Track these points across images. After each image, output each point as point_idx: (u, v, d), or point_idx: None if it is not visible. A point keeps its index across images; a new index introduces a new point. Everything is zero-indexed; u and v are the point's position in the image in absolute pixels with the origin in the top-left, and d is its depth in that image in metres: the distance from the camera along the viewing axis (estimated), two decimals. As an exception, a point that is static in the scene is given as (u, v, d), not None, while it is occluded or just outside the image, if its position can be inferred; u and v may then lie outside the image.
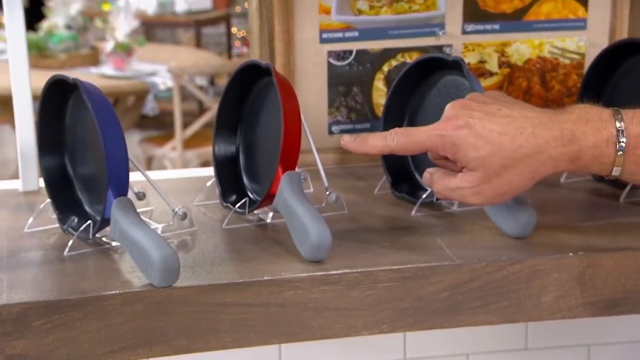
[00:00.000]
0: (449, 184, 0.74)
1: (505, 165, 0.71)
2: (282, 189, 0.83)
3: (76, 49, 3.34)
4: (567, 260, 0.79)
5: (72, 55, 3.30)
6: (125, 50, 3.22)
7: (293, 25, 1.06)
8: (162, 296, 0.72)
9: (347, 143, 0.78)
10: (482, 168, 0.72)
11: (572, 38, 1.10)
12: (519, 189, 0.73)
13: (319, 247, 0.77)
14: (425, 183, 0.78)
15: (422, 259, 0.79)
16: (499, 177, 0.72)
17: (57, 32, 3.34)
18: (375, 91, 1.09)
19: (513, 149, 0.71)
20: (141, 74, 3.21)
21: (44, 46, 3.28)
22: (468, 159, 0.72)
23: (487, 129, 0.71)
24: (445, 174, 0.75)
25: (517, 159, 0.71)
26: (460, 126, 0.72)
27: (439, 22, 1.08)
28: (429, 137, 0.74)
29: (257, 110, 0.94)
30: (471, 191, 0.73)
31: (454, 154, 0.73)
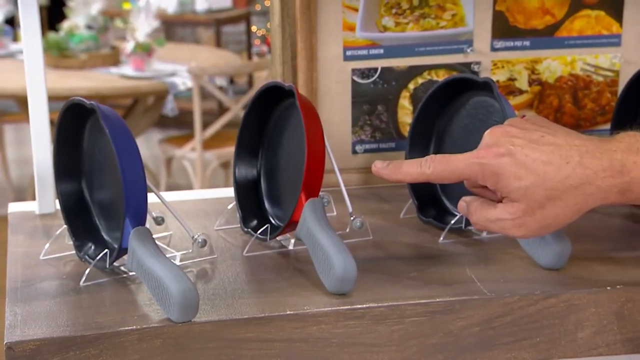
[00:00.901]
0: (488, 215, 0.70)
1: (550, 196, 0.67)
2: (305, 217, 0.80)
3: (97, 49, 3.34)
4: (604, 294, 0.75)
5: (93, 55, 3.30)
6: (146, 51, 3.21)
7: (316, 42, 1.03)
8: (180, 332, 0.69)
9: (380, 169, 0.74)
10: (525, 199, 0.68)
11: (606, 55, 1.06)
12: (564, 222, 0.69)
13: (343, 280, 0.74)
14: (462, 212, 0.74)
15: (451, 292, 0.76)
16: (543, 209, 0.67)
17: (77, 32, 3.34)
18: (401, 110, 1.06)
19: (559, 179, 0.67)
20: (161, 74, 3.20)
21: (64, 46, 3.28)
22: (510, 189, 0.68)
23: (531, 158, 0.67)
24: (484, 203, 0.71)
25: (563, 190, 0.67)
26: (501, 154, 0.68)
27: (467, 38, 1.05)
28: (467, 165, 0.70)
29: (279, 133, 0.91)
30: (513, 223, 0.69)
31: (494, 184, 0.69)
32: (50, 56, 3.24)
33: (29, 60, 0.93)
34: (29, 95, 0.93)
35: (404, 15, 1.04)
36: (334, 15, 1.02)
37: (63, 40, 3.30)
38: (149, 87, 3.16)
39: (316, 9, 1.01)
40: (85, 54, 3.30)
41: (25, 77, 0.92)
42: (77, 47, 3.31)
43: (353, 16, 1.03)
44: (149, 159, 3.97)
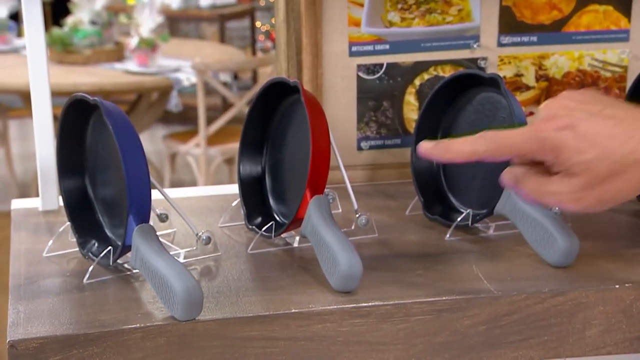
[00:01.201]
0: (544, 188, 0.66)
1: (613, 171, 0.64)
2: (310, 215, 0.79)
3: (101, 44, 3.33)
4: (612, 293, 0.75)
5: (97, 50, 3.29)
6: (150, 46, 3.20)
7: (321, 37, 1.02)
8: (184, 330, 0.69)
9: (428, 150, 0.70)
10: (585, 173, 0.64)
11: (614, 50, 1.05)
12: (624, 198, 0.65)
13: (349, 278, 0.73)
14: (508, 183, 0.70)
15: (457, 290, 0.75)
16: (603, 184, 0.64)
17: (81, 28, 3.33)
18: (407, 106, 1.05)
19: (623, 154, 0.63)
20: (165, 70, 3.19)
21: (68, 42, 3.28)
22: (571, 163, 0.64)
23: (593, 131, 0.64)
24: (537, 174, 0.67)
25: (628, 165, 0.63)
26: (562, 127, 0.64)
27: (474, 34, 1.04)
28: (524, 140, 0.65)
29: (284, 129, 0.90)
30: (571, 197, 0.65)
31: (554, 158, 0.65)
32: (54, 51, 3.23)
33: (32, 56, 0.92)
34: (32, 91, 0.92)
35: (409, 11, 1.03)
36: (339, 10, 1.01)
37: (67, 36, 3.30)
38: (153, 82, 3.15)
39: (321, 4, 1.01)
40: (89, 50, 3.30)
41: (28, 72, 0.91)
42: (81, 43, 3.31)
43: (358, 11, 1.02)
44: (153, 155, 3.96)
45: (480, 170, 0.91)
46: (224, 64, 3.33)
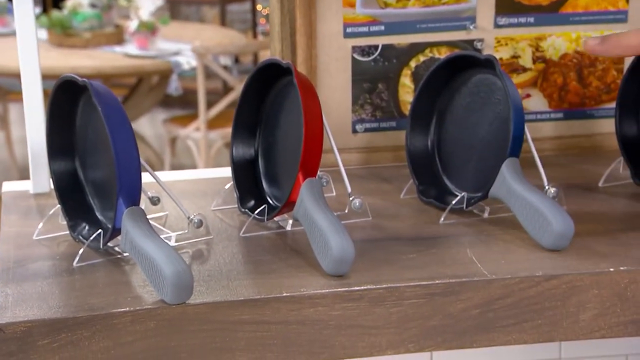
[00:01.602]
0: None
1: None
2: (302, 198, 0.79)
3: (100, 27, 3.31)
4: (607, 276, 0.74)
5: (97, 33, 3.27)
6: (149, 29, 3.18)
7: (315, 18, 1.00)
8: (174, 313, 0.68)
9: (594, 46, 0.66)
10: None
11: (612, 31, 1.04)
12: None
13: (341, 261, 0.73)
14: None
15: (451, 273, 0.74)
16: None
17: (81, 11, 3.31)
18: (402, 88, 1.04)
19: None
20: (165, 53, 3.17)
21: (68, 25, 3.26)
22: None
23: None
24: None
25: None
26: None
27: (470, 15, 1.02)
28: None
29: (277, 111, 0.89)
30: None
31: None
32: (53, 34, 3.21)
33: (21, 37, 0.91)
34: (21, 73, 0.91)
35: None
36: (333, -10, 1.00)
37: (66, 19, 3.27)
38: (153, 66, 3.13)
39: (315, -15, 0.99)
40: (88, 33, 3.28)
41: (18, 54, 0.90)
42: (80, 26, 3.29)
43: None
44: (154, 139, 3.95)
45: (475, 153, 0.90)
46: (225, 47, 3.31)
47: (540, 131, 1.07)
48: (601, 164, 0.97)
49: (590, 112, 1.07)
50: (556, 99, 1.06)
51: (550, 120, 1.07)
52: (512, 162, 0.83)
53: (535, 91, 1.06)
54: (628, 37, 0.62)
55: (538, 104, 1.06)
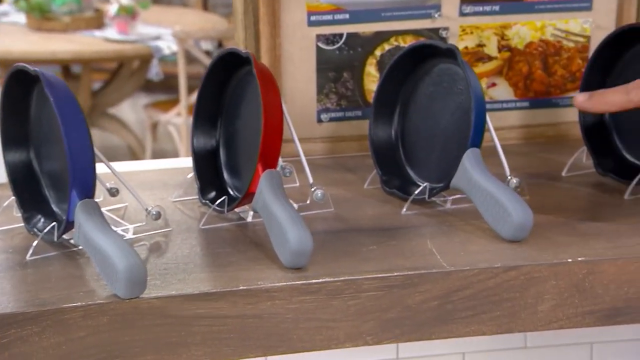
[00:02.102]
0: None
1: None
2: (261, 189, 0.78)
3: (80, 11, 3.26)
4: (565, 267, 0.74)
5: (76, 18, 3.23)
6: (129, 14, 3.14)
7: (279, 6, 0.99)
8: (127, 308, 0.67)
9: (582, 103, 0.68)
10: None
11: (576, 20, 1.04)
12: None
13: (298, 254, 0.72)
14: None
15: (410, 265, 0.74)
16: None
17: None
18: (367, 77, 1.03)
19: None
20: (145, 37, 3.14)
21: (47, 9, 3.21)
22: None
23: None
24: None
25: None
26: None
27: (435, 3, 1.02)
28: None
29: (238, 101, 0.88)
30: None
31: None
32: (32, 18, 3.17)
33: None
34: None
35: (369, -21, 1.00)
36: (296, -22, 0.99)
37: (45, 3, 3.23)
38: (133, 51, 3.10)
39: (278, -28, 0.98)
40: (68, 17, 3.23)
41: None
42: (59, 10, 3.24)
43: (317, -21, 0.99)
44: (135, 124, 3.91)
45: (438, 143, 0.90)
46: (206, 32, 3.28)
47: (506, 120, 1.06)
48: (566, 153, 0.97)
49: (556, 101, 1.07)
50: (522, 87, 1.06)
51: (515, 109, 1.07)
52: (473, 152, 0.82)
53: (501, 80, 1.05)
54: (613, 95, 0.65)
55: (503, 92, 1.06)
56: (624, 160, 0.92)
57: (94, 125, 3.28)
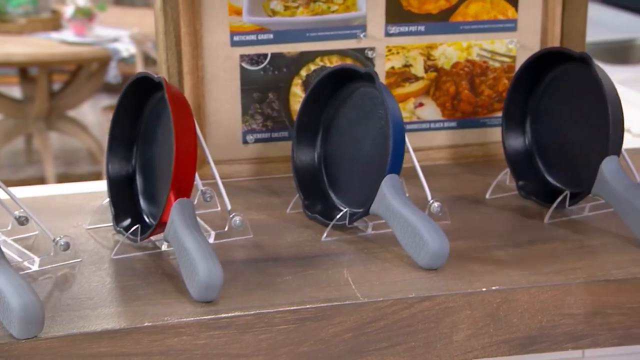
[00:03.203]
0: None
1: None
2: (172, 219, 0.76)
3: (36, 13, 3.19)
4: (479, 296, 0.73)
5: (32, 19, 3.15)
6: (86, 15, 3.08)
7: (200, 27, 0.97)
8: (24, 349, 0.64)
9: None
10: None
11: (502, 40, 1.04)
12: None
13: (208, 288, 0.70)
14: None
15: (324, 296, 0.72)
16: None
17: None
18: (293, 97, 1.02)
19: None
20: (103, 40, 3.07)
21: (2, 10, 3.13)
22: None
23: None
24: None
25: None
26: None
27: (360, 23, 1.01)
28: None
29: (153, 126, 0.86)
30: None
31: None
32: (-13, 20, 3.09)
33: None
34: None
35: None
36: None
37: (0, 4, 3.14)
38: (90, 53, 3.04)
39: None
40: (23, 18, 3.15)
41: None
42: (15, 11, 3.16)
43: (239, 0, 0.97)
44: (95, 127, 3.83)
45: (360, 167, 0.89)
46: (164, 34, 3.21)
47: (434, 140, 1.06)
48: (492, 174, 0.97)
49: (483, 121, 1.07)
50: (449, 107, 1.06)
51: (443, 129, 1.06)
52: (391, 179, 0.82)
53: (428, 100, 1.05)
54: None
55: (431, 113, 1.05)
56: (547, 183, 0.93)
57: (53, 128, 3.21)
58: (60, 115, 3.30)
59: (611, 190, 0.81)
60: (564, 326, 0.74)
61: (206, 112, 1.00)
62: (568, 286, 0.74)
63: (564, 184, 0.91)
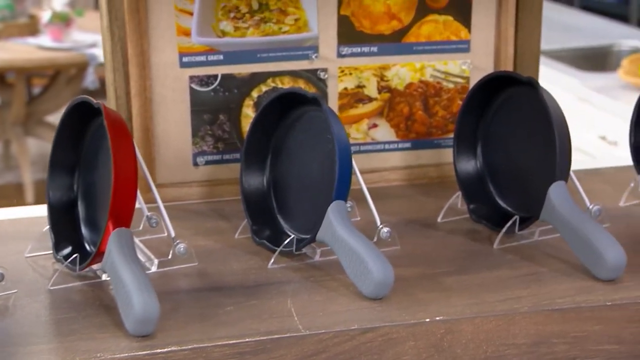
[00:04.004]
0: None
1: None
2: (109, 249, 0.74)
3: (13, 18, 3.14)
4: (423, 327, 0.72)
5: (9, 24, 3.11)
6: (63, 21, 3.04)
7: (148, 47, 0.95)
8: (-52, 390, 0.62)
9: None
10: None
11: (455, 61, 1.03)
12: None
13: (143, 321, 0.68)
14: None
15: (264, 329, 0.71)
16: None
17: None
18: (244, 119, 1.00)
19: None
20: (80, 45, 3.04)
21: (-22, 15, 3.08)
22: None
23: None
24: None
25: None
26: None
27: (312, 44, 0.99)
28: None
29: (94, 151, 0.84)
30: None
31: None
32: (-37, 25, 3.04)
33: None
34: None
35: (243, 20, 0.97)
36: (165, 18, 0.95)
37: (-24, 9, 3.10)
38: (68, 59, 3.00)
39: (146, 12, 0.94)
40: (0, 24, 3.10)
41: None
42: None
43: (187, 20, 0.96)
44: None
45: (308, 193, 0.87)
46: (141, 39, 3.18)
47: (388, 161, 1.05)
48: (446, 196, 0.96)
49: (438, 142, 1.06)
50: (403, 128, 1.05)
51: (398, 150, 1.05)
52: (337, 205, 0.80)
53: (382, 121, 1.04)
54: None
55: (385, 134, 1.04)
56: (498, 207, 0.92)
57: (30, 134, 3.17)
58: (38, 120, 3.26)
59: (558, 216, 0.80)
60: (508, 356, 0.73)
61: (155, 134, 0.98)
62: (512, 316, 0.73)
63: (515, 208, 0.90)
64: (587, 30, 2.85)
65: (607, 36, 2.72)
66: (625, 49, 2.60)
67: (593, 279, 0.77)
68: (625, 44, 2.62)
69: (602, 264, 0.76)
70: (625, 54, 2.54)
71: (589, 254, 0.77)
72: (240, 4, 0.96)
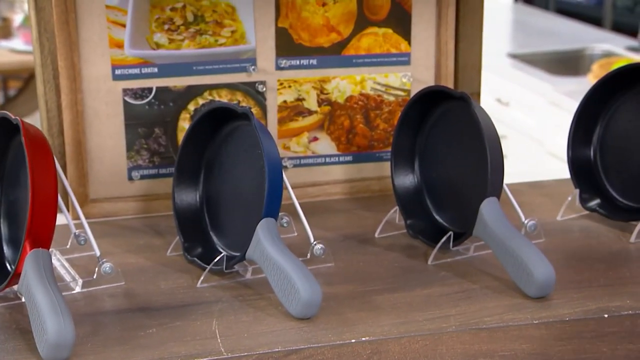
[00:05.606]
0: None
1: None
2: (25, 271, 0.71)
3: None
4: (349, 348, 0.71)
5: None
6: None
7: (79, 59, 0.93)
8: None
9: None
10: None
11: (396, 74, 1.02)
12: None
13: (57, 347, 0.66)
14: None
15: (185, 352, 0.69)
16: None
17: (-37, 3, 3.09)
18: (181, 132, 0.98)
19: None
20: None
21: (-51, 18, 3.02)
22: None
23: None
24: None
25: None
26: None
27: (250, 56, 0.98)
28: None
29: (16, 168, 0.81)
30: None
31: None
32: None
33: None
34: None
35: (177, 32, 0.95)
36: (97, 30, 0.93)
37: (-52, 12, 3.03)
38: None
39: (76, 24, 0.92)
40: None
41: None
42: (-38, 19, 3.05)
43: (120, 32, 0.94)
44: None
45: (240, 209, 0.86)
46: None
47: (330, 175, 1.04)
48: (386, 210, 0.95)
49: (379, 155, 1.04)
50: (344, 141, 1.03)
51: (339, 164, 1.04)
52: (267, 223, 0.78)
53: (323, 134, 1.02)
54: None
55: (326, 147, 1.03)
56: (434, 223, 0.91)
57: None
58: (14, 123, 3.21)
59: (489, 232, 0.79)
60: (437, 377, 0.72)
61: (88, 148, 0.96)
62: (439, 335, 0.71)
63: (451, 223, 0.89)
64: (562, 34, 2.86)
65: (581, 40, 2.73)
66: (597, 52, 2.62)
67: (523, 297, 0.76)
68: (598, 47, 2.64)
69: (531, 281, 0.75)
70: (597, 58, 2.55)
71: (518, 271, 0.76)
72: (175, 15, 0.95)
